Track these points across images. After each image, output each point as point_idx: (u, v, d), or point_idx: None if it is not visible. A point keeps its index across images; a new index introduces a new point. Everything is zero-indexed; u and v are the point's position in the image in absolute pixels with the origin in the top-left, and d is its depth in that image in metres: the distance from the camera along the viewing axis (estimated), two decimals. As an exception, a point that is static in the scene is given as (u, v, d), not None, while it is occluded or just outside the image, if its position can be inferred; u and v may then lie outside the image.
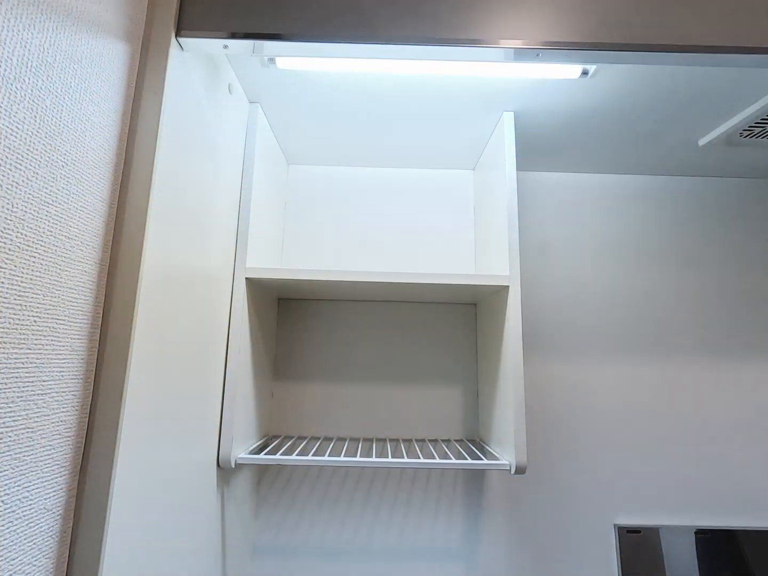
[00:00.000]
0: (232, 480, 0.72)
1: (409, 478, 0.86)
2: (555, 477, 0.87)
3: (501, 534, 0.85)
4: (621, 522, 0.85)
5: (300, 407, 0.89)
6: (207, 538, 0.62)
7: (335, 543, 0.84)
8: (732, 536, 0.84)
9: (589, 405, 0.89)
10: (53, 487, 0.36)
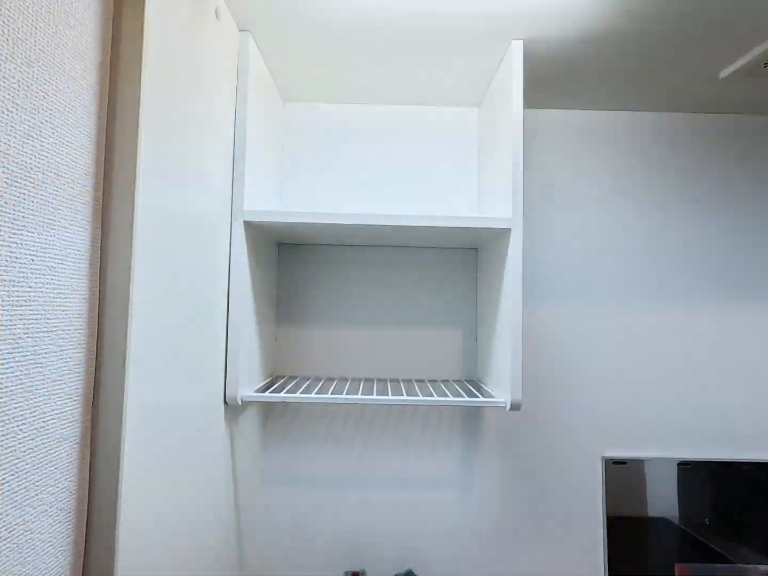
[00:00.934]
0: (240, 417, 0.75)
1: (409, 416, 0.91)
2: (548, 414, 0.90)
3: (494, 465, 0.90)
4: (608, 454, 0.90)
5: (303, 350, 0.91)
6: (219, 468, 0.66)
7: (339, 473, 0.90)
8: (711, 467, 0.89)
9: (583, 347, 0.91)
10: (67, 419, 0.38)
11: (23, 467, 0.33)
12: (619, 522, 0.89)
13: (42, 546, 0.35)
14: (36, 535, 0.35)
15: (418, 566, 0.89)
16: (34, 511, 0.34)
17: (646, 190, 0.93)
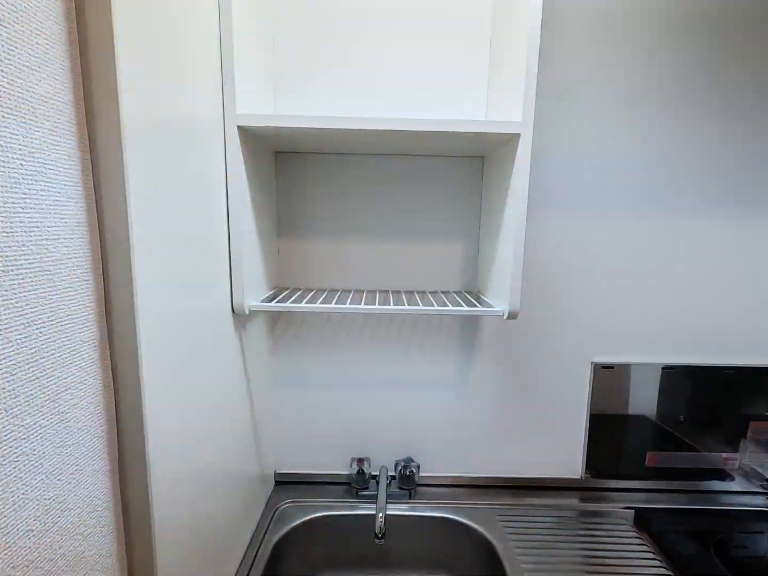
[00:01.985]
0: (248, 325, 0.79)
1: (410, 324, 0.94)
2: (542, 322, 0.94)
3: (490, 369, 0.96)
4: (598, 360, 0.95)
5: (306, 263, 0.92)
6: (232, 372, 0.71)
7: (344, 375, 0.96)
8: (693, 371, 0.95)
9: (581, 259, 0.91)
10: (84, 323, 0.40)
11: (49, 365, 0.36)
12: (600, 419, 0.97)
13: (79, 434, 0.39)
14: (72, 423, 0.38)
15: (417, 454, 1.00)
16: (66, 403, 0.38)
17: (669, 95, 0.86)
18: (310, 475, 1.01)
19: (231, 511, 0.72)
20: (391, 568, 0.92)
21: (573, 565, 0.78)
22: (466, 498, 0.97)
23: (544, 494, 0.99)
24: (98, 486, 0.42)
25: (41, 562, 0.35)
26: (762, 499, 0.97)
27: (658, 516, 0.92)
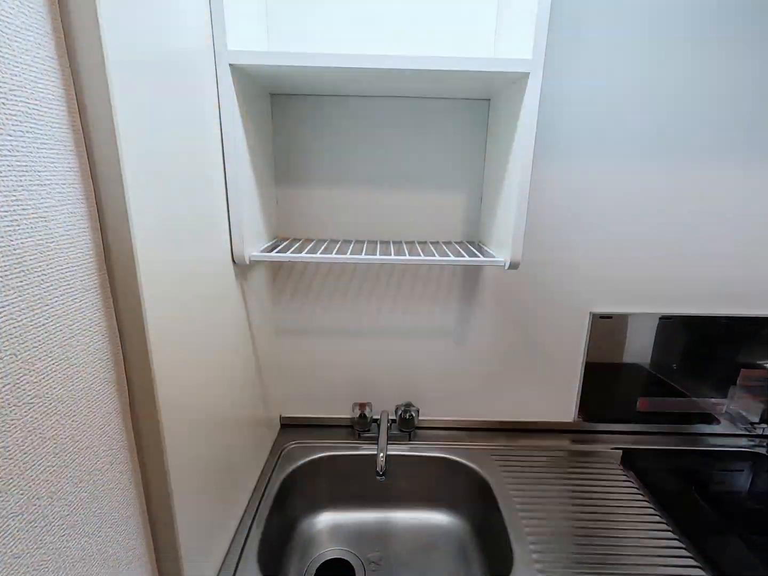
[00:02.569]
0: (249, 275, 0.79)
1: (411, 275, 0.94)
2: (542, 272, 0.94)
3: (489, 319, 0.97)
4: (596, 310, 0.96)
5: (306, 212, 0.91)
6: (235, 320, 0.72)
7: (346, 324, 0.98)
8: (690, 321, 0.96)
9: (584, 207, 0.89)
10: (85, 271, 0.39)
11: (53, 313, 0.36)
12: (595, 367, 1.00)
13: (88, 378, 0.40)
14: (81, 368, 0.39)
15: (417, 400, 1.04)
16: (74, 349, 0.38)
17: (688, 28, 0.80)
18: (314, 419, 1.05)
19: (240, 450, 0.76)
20: (391, 503, 0.99)
21: (561, 499, 0.84)
22: (463, 440, 1.01)
23: (537, 436, 1.03)
24: (111, 427, 0.44)
25: (63, 494, 0.37)
26: (745, 441, 1.02)
27: (644, 456, 0.97)
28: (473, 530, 0.93)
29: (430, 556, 0.89)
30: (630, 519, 0.79)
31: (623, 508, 0.82)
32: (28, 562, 0.34)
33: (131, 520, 0.48)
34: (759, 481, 0.91)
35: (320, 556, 0.89)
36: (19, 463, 0.33)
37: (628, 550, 0.73)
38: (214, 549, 0.66)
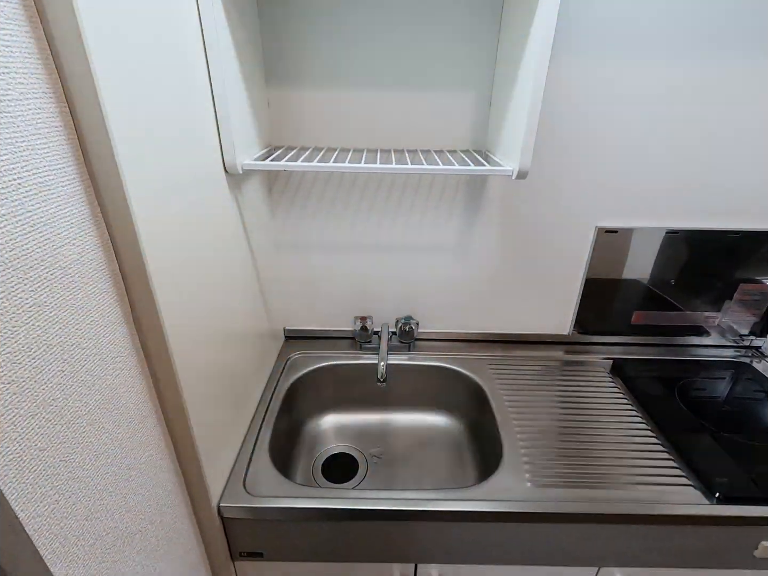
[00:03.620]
0: (243, 186, 0.75)
1: (413, 186, 0.91)
2: (549, 185, 0.90)
3: (493, 232, 0.95)
4: (602, 224, 0.94)
5: (300, 117, 0.84)
6: (232, 233, 0.70)
7: (346, 239, 0.96)
8: (696, 236, 0.94)
9: (596, 114, 0.83)
10: (65, 175, 0.37)
11: (38, 220, 0.34)
12: (594, 282, 1.00)
13: (85, 288, 0.40)
14: (76, 278, 0.39)
15: (417, 313, 1.06)
16: (66, 259, 0.37)
17: None
18: (317, 331, 1.09)
19: (247, 360, 0.80)
20: (391, 407, 1.06)
21: (550, 403, 0.89)
22: (460, 350, 1.06)
23: (532, 348, 1.07)
24: (116, 335, 0.44)
25: (78, 396, 0.39)
26: (731, 351, 1.06)
27: (633, 365, 1.01)
28: (467, 430, 1.01)
29: (427, 451, 0.97)
30: (613, 420, 0.85)
31: (607, 411, 0.87)
32: (53, 455, 0.36)
33: (148, 420, 0.51)
34: (737, 388, 0.96)
35: (326, 451, 0.97)
36: (29, 368, 0.34)
37: (608, 445, 0.79)
38: (228, 445, 0.72)
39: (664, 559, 0.73)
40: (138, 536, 0.49)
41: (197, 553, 0.66)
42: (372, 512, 0.68)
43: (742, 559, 0.72)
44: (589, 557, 0.73)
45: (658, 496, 0.69)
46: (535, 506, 0.67)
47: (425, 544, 0.72)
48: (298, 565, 0.75)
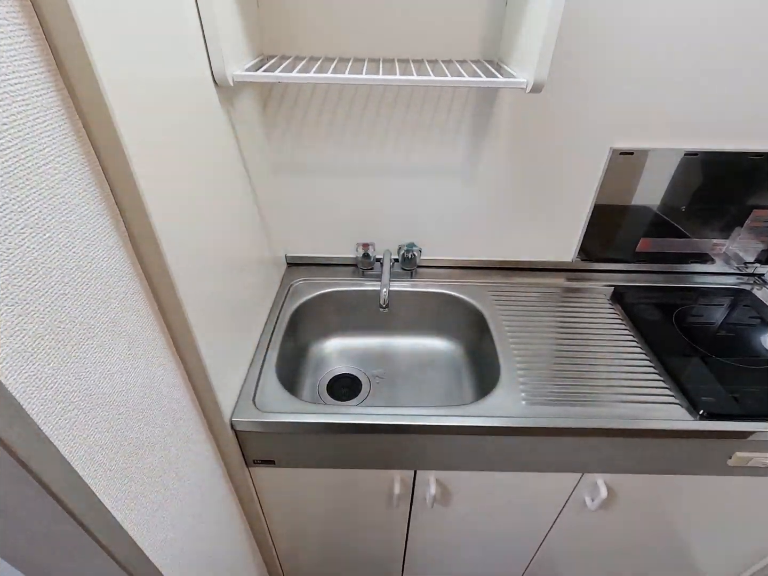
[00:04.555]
0: (235, 101, 0.70)
1: (419, 102, 0.84)
2: (564, 101, 0.83)
3: (501, 154, 0.91)
4: (618, 145, 0.89)
5: (295, 22, 0.76)
6: (226, 153, 0.66)
7: (346, 161, 0.92)
8: (716, 158, 0.89)
9: (618, 27, 0.74)
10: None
11: (16, 134, 0.32)
12: (603, 208, 0.97)
13: (77, 209, 0.38)
14: (67, 199, 0.37)
15: (419, 240, 1.04)
16: (52, 178, 0.35)
17: None
18: (319, 258, 1.08)
19: (249, 286, 0.80)
20: (393, 331, 1.09)
21: (549, 328, 0.91)
22: (462, 277, 1.06)
23: (534, 275, 1.07)
24: (116, 259, 0.44)
25: (84, 318, 0.40)
26: (734, 279, 1.06)
27: (633, 292, 1.02)
28: (467, 353, 1.05)
29: (427, 372, 1.02)
30: (609, 344, 0.87)
31: (604, 336, 0.90)
32: (67, 374, 0.37)
33: (156, 342, 0.52)
34: (734, 313, 0.98)
35: (330, 372, 1.02)
36: (30, 290, 0.33)
37: (602, 367, 0.82)
38: (236, 366, 0.74)
39: (643, 467, 0.80)
40: (158, 446, 0.53)
41: (214, 460, 0.72)
42: (375, 426, 0.72)
43: (716, 467, 0.78)
44: (574, 465, 0.80)
45: (644, 413, 0.73)
46: (527, 422, 0.72)
47: (425, 454, 0.78)
48: (307, 471, 0.82)
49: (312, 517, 0.94)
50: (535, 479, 0.83)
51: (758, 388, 0.77)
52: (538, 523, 0.95)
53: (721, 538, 0.97)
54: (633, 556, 1.05)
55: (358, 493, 0.87)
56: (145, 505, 0.50)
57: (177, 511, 0.59)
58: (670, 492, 0.85)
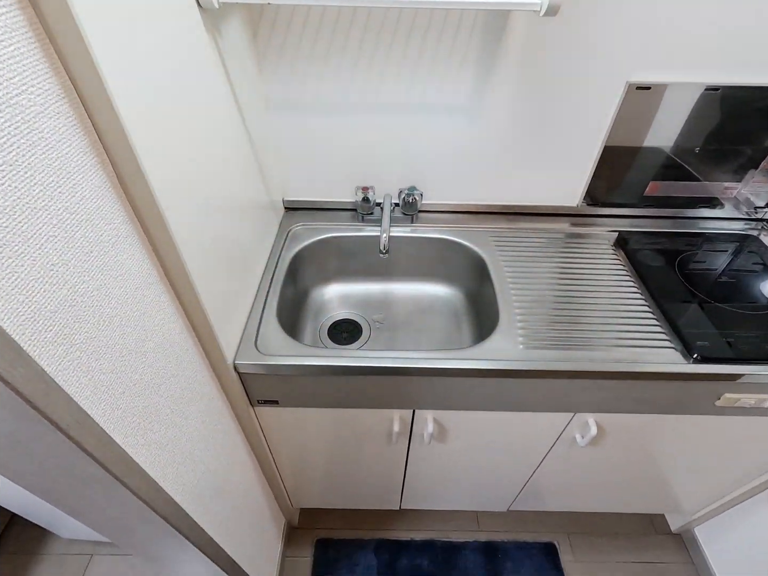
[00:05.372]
0: (222, 28, 0.64)
1: (422, 28, 0.77)
2: (578, 31, 0.77)
3: (509, 88, 0.85)
4: (635, 79, 0.83)
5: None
6: (216, 89, 0.62)
7: (343, 98, 0.86)
8: (737, 94, 0.84)
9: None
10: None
11: None
12: (613, 150, 0.93)
13: (59, 147, 0.36)
14: (46, 135, 0.35)
15: (421, 183, 1.01)
16: (26, 111, 0.33)
17: None
18: (318, 202, 1.05)
19: (247, 231, 0.78)
20: (393, 277, 1.09)
21: (550, 274, 0.91)
22: (464, 223, 1.04)
23: (538, 220, 1.05)
24: (105, 200, 0.42)
25: (77, 262, 0.39)
26: (742, 225, 1.04)
27: (638, 237, 1.00)
28: (466, 299, 1.05)
29: (426, 317, 1.03)
30: (609, 290, 0.87)
31: (605, 281, 0.89)
32: (66, 317, 0.37)
33: (153, 287, 0.51)
34: (738, 259, 0.97)
35: (331, 318, 1.03)
36: (16, 232, 0.32)
37: (600, 312, 0.82)
38: (237, 310, 0.75)
39: (633, 407, 0.83)
40: (163, 387, 0.54)
41: (220, 400, 0.74)
42: (376, 368, 0.74)
43: (704, 408, 0.81)
44: (567, 405, 0.83)
45: (640, 356, 0.75)
46: (524, 365, 0.73)
47: (423, 395, 0.81)
48: (310, 410, 0.86)
49: (316, 452, 1.00)
50: (529, 418, 0.86)
51: (752, 333, 0.78)
52: (530, 457, 1.00)
53: (702, 471, 1.03)
54: (616, 488, 1.13)
55: (359, 430, 0.92)
56: (154, 441, 0.52)
57: (187, 447, 0.61)
58: (657, 430, 0.89)
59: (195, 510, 0.64)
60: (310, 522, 1.38)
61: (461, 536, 1.35)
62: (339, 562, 1.30)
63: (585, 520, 1.39)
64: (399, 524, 1.37)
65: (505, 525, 1.38)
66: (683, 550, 1.34)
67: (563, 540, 1.35)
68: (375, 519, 1.38)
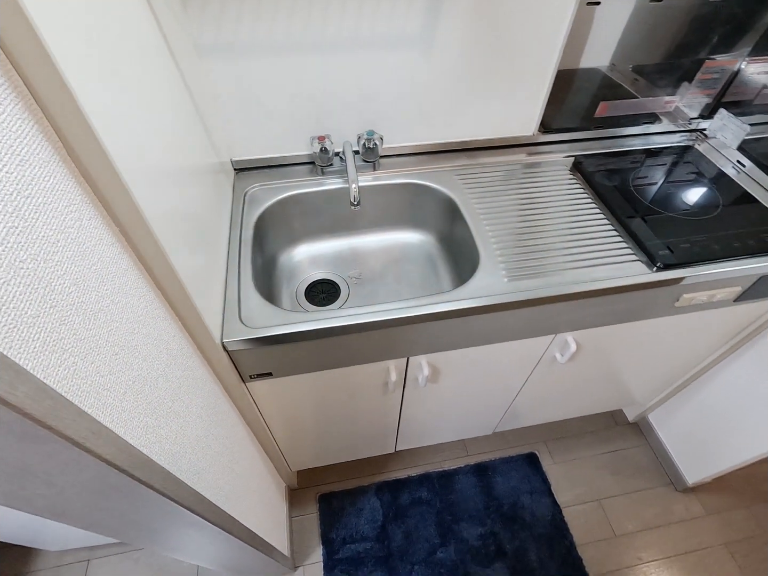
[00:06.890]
0: (138, -46, 0.53)
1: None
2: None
3: (461, 16, 0.80)
4: (585, -6, 0.81)
5: None
6: (151, 40, 0.53)
7: (284, 36, 0.77)
8: (680, 3, 0.85)
9: None
10: None
11: None
12: (565, 73, 0.93)
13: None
14: None
15: (379, 126, 0.96)
16: None
17: None
18: (270, 159, 0.97)
19: (204, 200, 0.71)
20: (362, 230, 1.05)
21: (518, 205, 0.92)
22: (427, 164, 1.01)
23: (497, 153, 1.05)
24: (58, 177, 0.35)
25: (45, 254, 0.33)
26: (678, 137, 1.11)
27: (591, 160, 1.03)
28: (441, 243, 1.05)
29: (403, 266, 1.02)
30: (575, 213, 0.91)
31: (570, 206, 0.92)
32: (50, 320, 0.32)
33: (129, 273, 0.45)
34: (677, 170, 1.03)
35: (305, 280, 0.99)
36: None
37: (572, 236, 0.86)
38: (214, 285, 0.69)
39: (604, 320, 0.89)
40: (161, 380, 0.50)
41: (212, 382, 0.70)
42: (365, 325, 0.73)
43: (665, 309, 0.90)
44: (549, 328, 0.88)
45: (611, 273, 0.80)
46: (513, 296, 0.75)
47: (415, 342, 0.82)
48: (305, 376, 0.84)
49: (311, 416, 0.99)
50: (516, 345, 0.91)
51: (705, 236, 0.86)
52: (514, 380, 1.07)
53: (654, 366, 1.16)
54: (584, 394, 1.25)
55: (356, 386, 0.92)
56: (165, 436, 0.49)
57: (194, 435, 0.58)
58: (623, 337, 0.98)
59: (214, 495, 0.62)
60: (310, 481, 1.41)
61: (453, 464, 1.45)
62: (344, 510, 1.35)
63: (558, 428, 1.54)
64: (395, 465, 1.44)
65: (490, 446, 1.49)
66: (640, 435, 1.53)
67: (542, 448, 1.49)
68: (372, 466, 1.44)
